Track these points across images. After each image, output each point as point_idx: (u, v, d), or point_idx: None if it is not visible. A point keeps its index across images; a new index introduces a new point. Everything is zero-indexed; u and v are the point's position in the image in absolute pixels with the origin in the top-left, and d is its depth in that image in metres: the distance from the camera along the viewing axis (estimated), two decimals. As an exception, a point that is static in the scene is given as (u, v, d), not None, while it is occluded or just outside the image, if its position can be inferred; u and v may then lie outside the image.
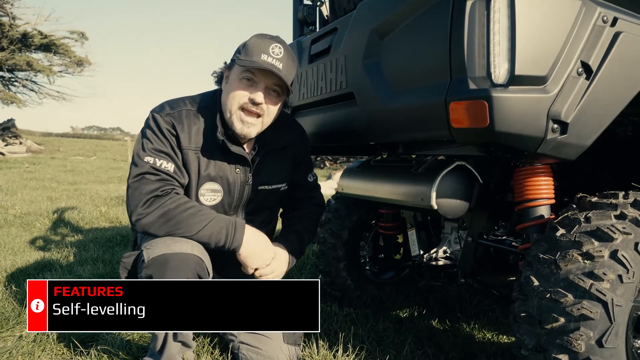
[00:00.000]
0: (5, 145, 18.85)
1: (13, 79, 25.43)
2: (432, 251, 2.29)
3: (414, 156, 2.10)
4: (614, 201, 1.41)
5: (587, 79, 1.26)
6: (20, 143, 20.50)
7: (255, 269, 1.71)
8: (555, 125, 1.24)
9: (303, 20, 2.55)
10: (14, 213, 5.73)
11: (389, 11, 1.53)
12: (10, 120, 21.32)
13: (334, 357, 1.85)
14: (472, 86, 1.21)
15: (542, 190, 1.58)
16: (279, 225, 2.03)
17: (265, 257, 1.72)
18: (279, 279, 1.76)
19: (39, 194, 7.61)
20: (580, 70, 1.26)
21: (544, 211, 1.59)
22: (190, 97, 1.80)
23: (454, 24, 1.25)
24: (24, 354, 1.96)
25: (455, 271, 2.09)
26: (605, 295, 1.24)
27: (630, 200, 1.39)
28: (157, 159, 1.64)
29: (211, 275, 1.70)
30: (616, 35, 1.28)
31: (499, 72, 1.19)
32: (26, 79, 25.72)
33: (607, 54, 1.27)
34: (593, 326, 1.24)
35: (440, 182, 1.71)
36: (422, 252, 2.32)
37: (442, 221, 2.29)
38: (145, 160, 1.63)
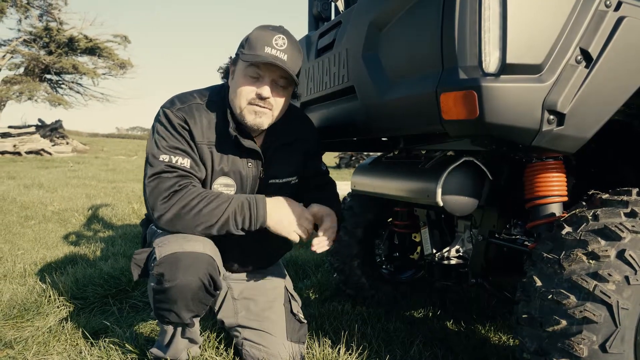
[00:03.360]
0: (53, 145, 19.65)
1: (60, 82, 26.57)
2: (444, 250, 2.23)
3: (424, 152, 2.05)
4: (625, 198, 1.32)
5: (586, 67, 1.18)
6: (67, 143, 21.32)
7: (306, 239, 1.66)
8: (551, 117, 1.16)
9: (318, 15, 2.53)
10: (52, 209, 5.95)
11: (387, 2, 1.49)
12: (58, 122, 22.20)
13: (337, 355, 1.82)
14: (462, 76, 1.15)
15: (553, 187, 1.50)
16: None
17: (294, 221, 1.65)
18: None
19: (78, 191, 7.86)
20: (579, 57, 1.17)
21: (556, 209, 1.50)
22: (199, 90, 1.78)
23: (445, 11, 1.20)
24: (39, 344, 2.02)
25: (467, 271, 2.02)
26: (610, 297, 1.16)
27: (643, 197, 1.31)
28: (172, 156, 1.62)
29: (222, 274, 1.68)
30: (619, 20, 1.19)
31: (490, 61, 1.13)
32: (72, 82, 26.83)
33: (609, 40, 1.18)
34: (596, 330, 1.16)
35: (446, 178, 1.65)
36: (434, 251, 2.25)
37: (455, 219, 2.23)
38: (161, 159, 1.62)
